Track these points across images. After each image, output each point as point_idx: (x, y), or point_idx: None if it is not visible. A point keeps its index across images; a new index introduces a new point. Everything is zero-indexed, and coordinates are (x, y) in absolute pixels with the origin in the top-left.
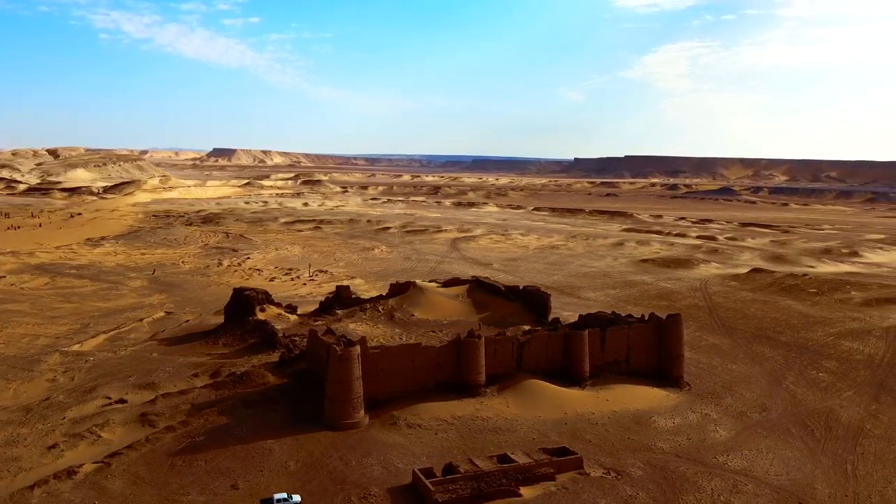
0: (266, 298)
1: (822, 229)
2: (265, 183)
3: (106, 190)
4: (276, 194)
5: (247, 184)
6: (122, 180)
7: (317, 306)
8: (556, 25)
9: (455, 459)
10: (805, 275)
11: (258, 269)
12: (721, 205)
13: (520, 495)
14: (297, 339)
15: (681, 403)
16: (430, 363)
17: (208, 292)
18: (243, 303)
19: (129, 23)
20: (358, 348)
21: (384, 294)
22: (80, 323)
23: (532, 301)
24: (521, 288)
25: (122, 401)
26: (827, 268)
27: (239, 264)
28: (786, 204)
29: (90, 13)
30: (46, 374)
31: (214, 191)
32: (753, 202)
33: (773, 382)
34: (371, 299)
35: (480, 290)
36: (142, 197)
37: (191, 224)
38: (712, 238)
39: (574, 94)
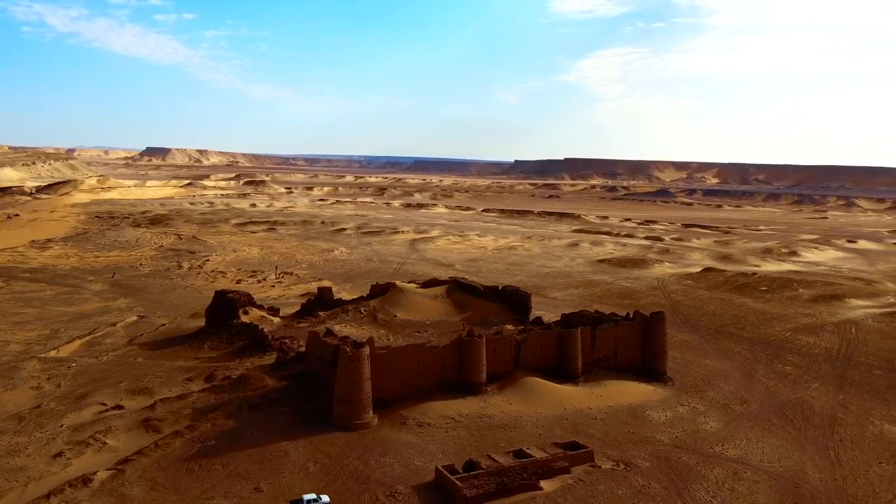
0: (249, 301)
1: (760, 230)
2: (207, 183)
3: (40, 190)
4: (221, 195)
5: (189, 184)
6: (54, 180)
7: (297, 308)
8: (494, 28)
9: (474, 456)
10: (754, 273)
11: (221, 272)
12: (660, 206)
13: (541, 489)
14: (287, 341)
15: (669, 397)
16: (434, 363)
17: (175, 295)
18: (226, 305)
19: (54, 16)
20: (367, 349)
21: (365, 295)
22: (48, 328)
23: (512, 301)
24: (500, 288)
25: (119, 407)
26: (771, 266)
27: (200, 267)
28: (720, 206)
29: (11, 5)
30: (29, 381)
31: (155, 191)
32: (689, 204)
33: (746, 376)
34: (353, 301)
35: (460, 291)
36: (80, 197)
37: (139, 225)
38: (659, 239)
39: (511, 97)
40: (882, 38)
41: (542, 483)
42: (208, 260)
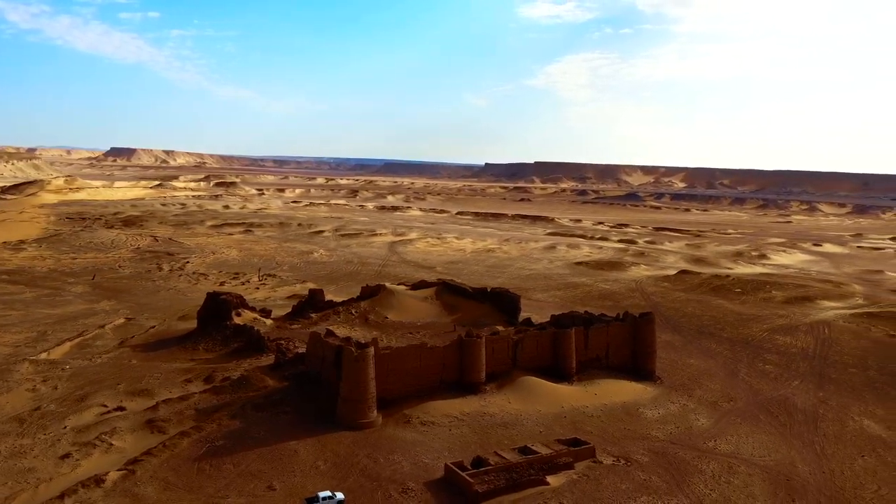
0: (241, 303)
1: (729, 233)
2: (178, 184)
3: (5, 190)
4: (193, 196)
5: (158, 185)
6: (18, 180)
7: (286, 310)
8: (464, 32)
9: (480, 453)
10: (728, 276)
11: (202, 274)
12: (630, 210)
13: (548, 484)
14: (283, 342)
15: (659, 395)
16: (435, 363)
17: (160, 297)
18: (219, 307)
19: (15, 12)
20: (372, 349)
21: (354, 297)
22: (35, 331)
23: (501, 302)
24: (489, 290)
25: (120, 408)
26: (743, 269)
27: (180, 269)
28: (687, 209)
29: None
30: (24, 383)
31: (125, 192)
32: (658, 207)
33: (730, 374)
34: (343, 302)
35: (448, 293)
36: (48, 198)
37: (112, 227)
38: (633, 242)
39: (481, 101)
40: (839, 48)
41: (549, 478)
42: (188, 262)
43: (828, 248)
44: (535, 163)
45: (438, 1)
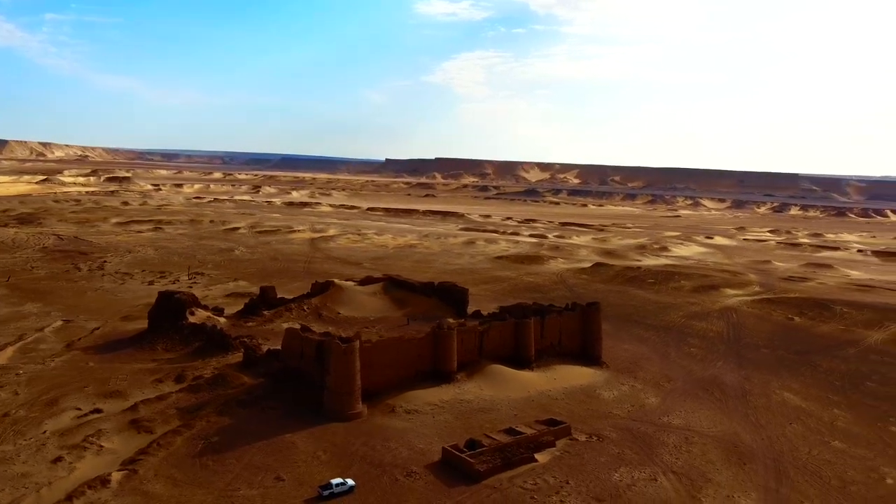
0: (194, 301)
1: (629, 227)
2: (66, 179)
3: None
4: (85, 192)
5: (45, 180)
6: None
7: (238, 308)
8: (362, 27)
9: (467, 436)
10: (639, 267)
11: (126, 273)
12: (531, 205)
13: (537, 461)
14: (246, 339)
15: (610, 378)
16: (412, 354)
17: (89, 298)
18: (173, 307)
19: None
20: (358, 343)
21: (306, 293)
22: None
23: (449, 296)
24: (435, 284)
25: (97, 410)
26: (651, 261)
27: (100, 268)
28: (584, 204)
29: None
30: None
31: (7, 188)
32: (557, 203)
33: (663, 357)
34: (295, 299)
35: (396, 288)
36: None
37: (6, 225)
38: (544, 236)
39: (379, 97)
40: (713, 54)
41: (536, 456)
42: (106, 261)
43: (718, 240)
44: (437, 159)
45: None
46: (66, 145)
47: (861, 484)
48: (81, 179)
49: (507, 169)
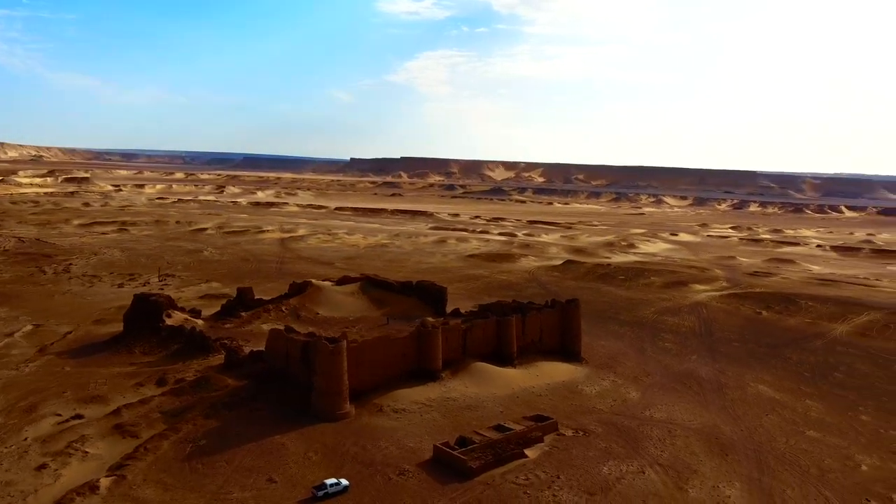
0: (171, 304)
1: (596, 225)
2: (21, 180)
3: None
4: (43, 193)
5: (0, 181)
6: None
7: (214, 310)
8: (326, 25)
9: (457, 434)
10: (609, 264)
11: (94, 276)
12: (498, 204)
13: (527, 457)
14: (227, 342)
15: (590, 374)
16: (397, 353)
17: (58, 302)
18: (149, 309)
19: None
20: (345, 343)
21: (283, 294)
22: None
23: (428, 295)
24: (413, 283)
25: (78, 416)
26: (620, 258)
27: (65, 271)
28: (550, 203)
29: None
30: None
31: None
32: (523, 201)
33: (639, 352)
34: (273, 300)
35: (374, 287)
36: None
37: None
38: (513, 234)
39: (344, 96)
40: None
41: (526, 451)
42: (71, 264)
43: (683, 237)
44: (402, 158)
45: None
46: (20, 145)
47: (838, 472)
48: (38, 180)
49: (473, 168)
